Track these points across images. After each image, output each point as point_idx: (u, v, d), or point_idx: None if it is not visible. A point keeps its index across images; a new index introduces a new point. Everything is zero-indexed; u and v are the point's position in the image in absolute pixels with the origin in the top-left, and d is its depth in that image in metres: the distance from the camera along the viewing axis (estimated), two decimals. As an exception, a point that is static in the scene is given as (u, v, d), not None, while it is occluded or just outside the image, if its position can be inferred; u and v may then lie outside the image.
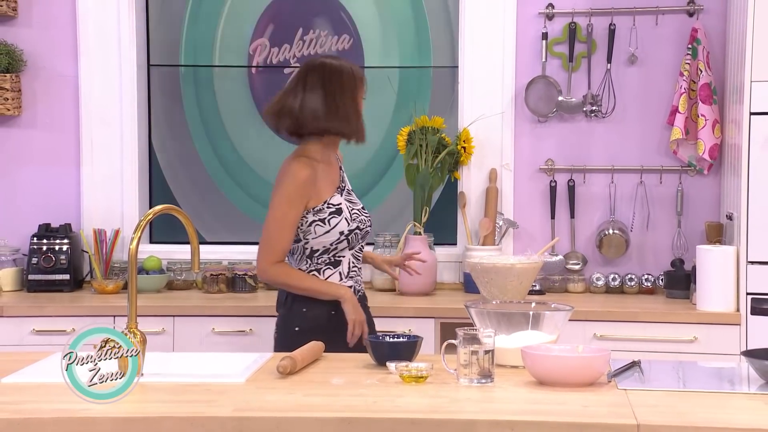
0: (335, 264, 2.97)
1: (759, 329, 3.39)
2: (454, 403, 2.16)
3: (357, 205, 3.03)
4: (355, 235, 2.97)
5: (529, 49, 4.04)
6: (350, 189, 3.06)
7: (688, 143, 3.91)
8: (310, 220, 2.92)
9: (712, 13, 3.91)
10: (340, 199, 2.97)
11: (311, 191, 2.92)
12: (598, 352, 2.34)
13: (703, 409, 2.08)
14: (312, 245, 2.94)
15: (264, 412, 2.08)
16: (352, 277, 3.01)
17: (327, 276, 2.96)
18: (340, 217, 2.94)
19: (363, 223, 3.01)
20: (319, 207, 2.92)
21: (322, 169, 2.96)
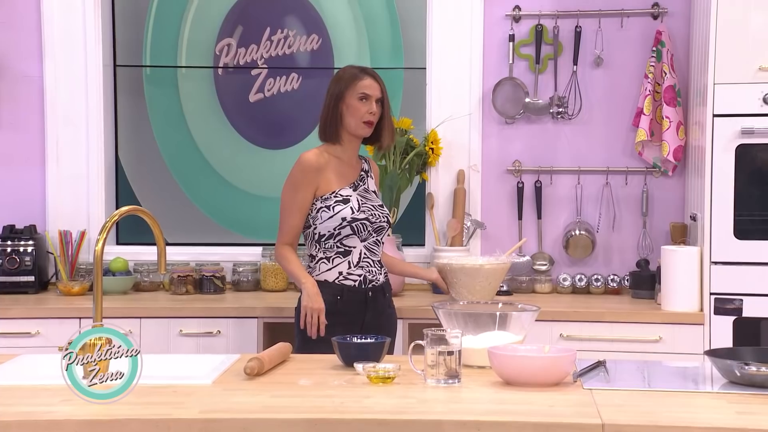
0: (345, 253, 3.13)
1: (722, 329, 3.43)
2: (421, 403, 2.16)
3: (372, 202, 3.18)
4: (362, 225, 3.11)
5: (496, 50, 4.06)
6: (371, 190, 3.22)
7: (653, 145, 3.95)
8: (317, 207, 3.12)
9: (676, 16, 3.96)
10: (350, 192, 3.15)
11: (317, 178, 3.12)
12: (564, 353, 2.35)
13: (667, 408, 2.10)
14: (319, 230, 3.13)
15: (231, 413, 2.08)
16: (363, 267, 3.14)
17: (336, 264, 3.14)
18: (345, 205, 3.11)
19: (375, 217, 3.15)
20: (326, 195, 3.12)
21: (335, 163, 3.16)
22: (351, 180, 3.18)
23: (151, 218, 2.52)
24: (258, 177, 4.37)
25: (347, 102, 3.13)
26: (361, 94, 3.13)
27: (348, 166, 3.19)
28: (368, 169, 3.27)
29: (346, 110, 3.13)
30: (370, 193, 3.21)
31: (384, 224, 3.19)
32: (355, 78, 3.14)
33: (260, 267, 4.08)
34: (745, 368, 2.22)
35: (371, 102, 3.13)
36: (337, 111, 3.14)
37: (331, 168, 3.14)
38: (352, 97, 3.12)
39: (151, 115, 4.36)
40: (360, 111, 3.12)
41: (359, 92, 3.13)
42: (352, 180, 3.18)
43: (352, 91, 3.12)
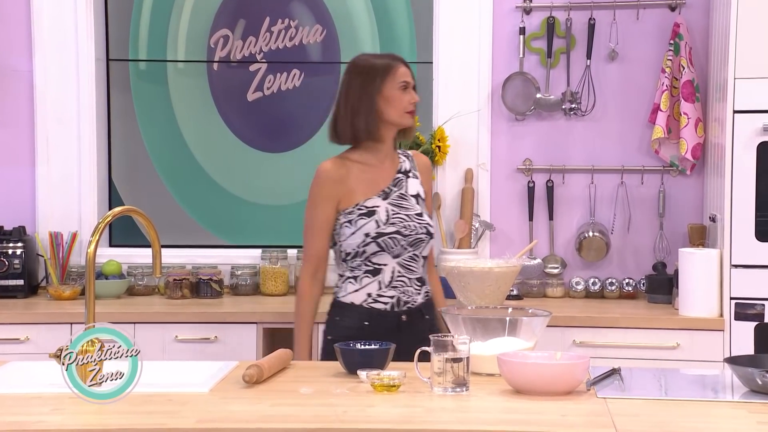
0: (374, 272, 2.95)
1: (743, 335, 3.42)
2: (427, 413, 2.16)
3: (407, 211, 2.96)
4: (392, 240, 2.92)
5: (506, 44, 4.06)
6: (409, 194, 3.00)
7: (671, 142, 3.94)
8: (340, 222, 2.96)
9: (695, 8, 3.96)
10: (379, 201, 2.95)
11: (340, 191, 2.95)
12: (577, 360, 2.35)
13: (684, 418, 2.10)
14: (344, 248, 2.96)
15: (229, 423, 2.08)
16: (396, 287, 2.95)
17: (364, 284, 2.95)
18: (369, 219, 2.92)
19: (409, 229, 2.94)
20: (349, 209, 2.94)
21: (359, 170, 2.97)
22: (381, 187, 2.97)
23: (146, 219, 2.52)
24: (255, 183, 4.33)
25: (386, 94, 2.94)
26: (402, 83, 2.96)
27: (378, 170, 2.99)
28: (409, 167, 3.05)
29: (386, 103, 2.94)
30: (407, 199, 2.98)
31: (422, 236, 2.96)
32: (391, 67, 2.96)
33: (259, 270, 4.08)
34: (767, 377, 2.22)
35: (410, 90, 2.99)
36: (373, 106, 2.94)
37: (353, 176, 2.96)
38: (393, 88, 2.95)
39: (138, 112, 4.33)
40: (403, 101, 2.95)
41: (400, 81, 2.96)
42: (383, 186, 2.97)
43: (391, 82, 2.95)
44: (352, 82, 2.98)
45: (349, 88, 2.98)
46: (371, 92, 2.95)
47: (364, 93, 2.95)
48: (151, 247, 2.54)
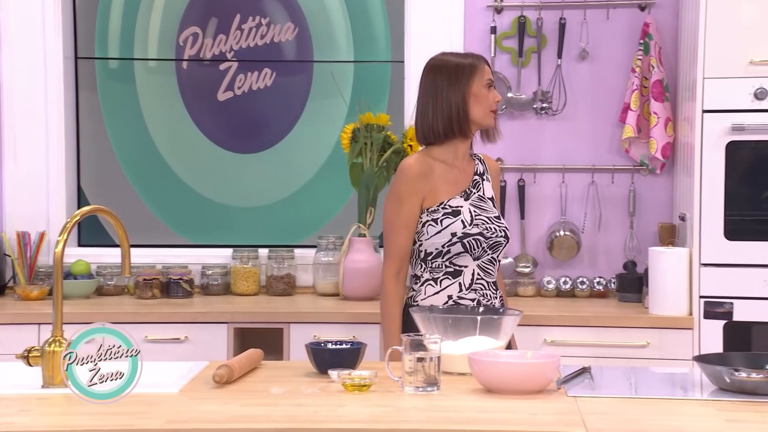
0: (455, 274, 2.91)
1: (712, 333, 3.45)
2: (398, 412, 2.16)
3: (488, 213, 2.95)
4: (475, 241, 2.89)
5: (477, 43, 4.07)
6: (487, 197, 2.98)
7: (641, 142, 3.97)
8: (424, 221, 2.91)
9: (664, 8, 3.98)
10: (461, 202, 2.93)
11: (425, 187, 2.91)
12: (547, 359, 2.36)
13: (654, 416, 2.11)
14: (425, 247, 2.92)
15: (198, 423, 2.07)
16: (476, 290, 2.92)
17: (444, 286, 2.92)
18: (455, 218, 2.90)
19: (490, 231, 2.92)
20: (434, 207, 2.91)
21: (441, 169, 2.94)
22: (462, 187, 2.95)
23: (115, 219, 2.51)
24: (225, 184, 4.31)
25: (474, 92, 2.93)
26: (488, 80, 2.95)
27: (459, 170, 2.97)
28: (483, 170, 3.03)
29: (474, 101, 2.93)
30: (485, 202, 2.97)
31: (501, 239, 2.94)
32: (477, 65, 2.95)
33: (230, 270, 4.07)
34: (735, 374, 2.24)
35: (493, 89, 2.98)
36: (464, 103, 2.91)
37: (437, 175, 2.92)
38: (480, 86, 2.93)
39: (104, 112, 4.28)
40: (489, 99, 2.94)
41: (486, 79, 2.95)
42: (464, 187, 2.96)
43: (479, 79, 2.93)
44: (439, 81, 2.95)
45: (437, 87, 2.95)
46: (462, 89, 2.93)
47: (454, 90, 2.93)
48: (120, 246, 2.52)
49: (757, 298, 3.44)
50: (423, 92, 2.99)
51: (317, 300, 3.95)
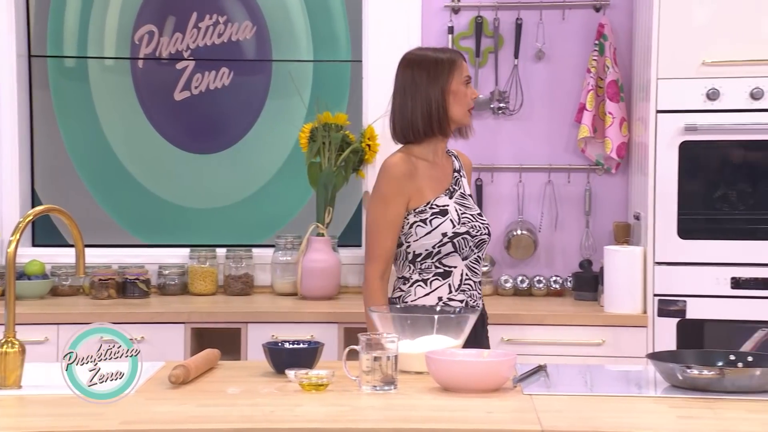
0: (444, 275, 2.87)
1: (666, 331, 3.49)
2: (355, 411, 2.17)
3: (471, 211, 2.91)
4: (464, 240, 2.86)
5: (435, 43, 4.05)
6: (467, 194, 2.95)
7: (596, 141, 4.00)
8: (411, 222, 2.85)
9: (619, 9, 4.02)
10: (447, 200, 2.88)
11: (410, 187, 2.85)
12: (503, 357, 2.37)
13: (608, 413, 2.13)
14: (414, 248, 2.86)
15: (154, 424, 2.05)
16: (464, 291, 2.89)
17: (435, 287, 2.87)
18: (444, 218, 2.85)
19: (476, 229, 2.88)
20: (421, 208, 2.85)
21: (425, 167, 2.89)
22: (446, 185, 2.90)
23: (69, 218, 2.48)
24: (182, 185, 4.27)
25: (453, 89, 2.87)
26: (466, 77, 2.90)
27: (440, 168, 2.92)
28: (459, 166, 2.98)
29: (453, 99, 2.87)
30: (467, 199, 2.93)
31: (485, 237, 2.91)
32: (456, 61, 2.89)
33: (188, 269, 4.04)
34: (687, 372, 2.27)
35: (470, 85, 2.93)
36: (445, 102, 2.86)
37: (421, 173, 2.87)
38: (459, 83, 2.88)
39: (57, 111, 4.22)
40: (467, 97, 2.89)
41: (465, 76, 2.89)
42: (447, 185, 2.91)
43: (458, 76, 2.88)
44: (417, 76, 2.88)
45: (416, 83, 2.87)
46: (441, 86, 2.86)
47: (433, 87, 2.86)
48: (75, 246, 2.50)
49: (709, 296, 3.49)
50: (400, 88, 2.92)
51: (275, 299, 3.94)
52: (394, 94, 2.94)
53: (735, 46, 3.45)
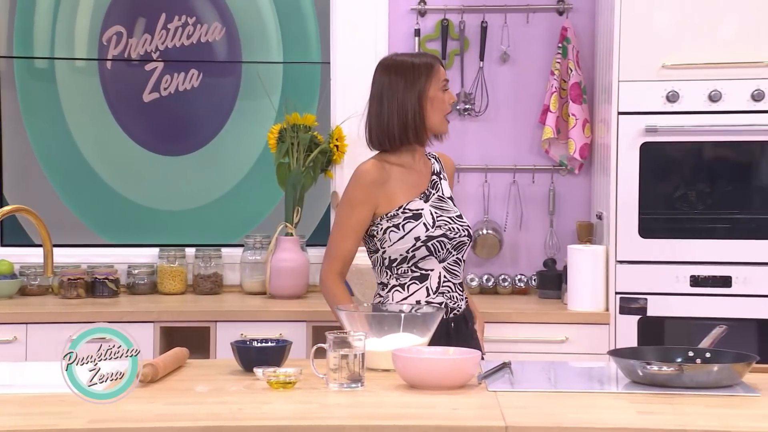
0: (421, 278, 2.82)
1: (627, 328, 3.52)
2: (322, 408, 2.16)
3: (449, 213, 2.85)
4: (439, 243, 2.80)
5: (402, 45, 4.08)
6: (446, 196, 2.89)
7: (560, 142, 4.03)
8: (384, 227, 2.81)
9: (582, 13, 4.05)
10: (421, 204, 2.82)
11: (379, 194, 2.80)
12: (468, 354, 2.38)
13: (571, 409, 2.14)
14: (389, 254, 2.82)
15: (122, 423, 2.04)
16: (444, 293, 2.83)
17: (412, 292, 2.82)
18: (417, 222, 2.79)
19: (454, 231, 2.82)
20: (393, 212, 2.80)
21: (398, 173, 2.83)
22: (421, 189, 2.84)
23: (37, 218, 2.46)
24: (152, 187, 4.23)
25: (431, 96, 2.80)
26: (443, 82, 2.82)
27: (416, 173, 2.85)
28: (440, 169, 2.92)
29: (431, 107, 2.80)
30: (445, 201, 2.87)
31: (465, 239, 2.84)
32: (433, 66, 2.81)
33: (157, 269, 4.02)
34: (647, 368, 2.29)
35: (448, 90, 2.85)
36: (422, 110, 2.79)
37: (394, 179, 2.81)
38: (436, 89, 2.80)
39: (24, 112, 4.16)
40: (444, 103, 2.82)
41: (442, 80, 2.81)
42: (423, 189, 2.85)
43: (435, 82, 2.80)
44: (394, 82, 2.80)
45: (393, 89, 2.80)
46: (418, 92, 2.80)
47: (410, 93, 2.79)
48: (43, 246, 2.47)
49: (669, 294, 3.52)
50: (377, 94, 2.84)
51: (244, 298, 3.93)
52: (371, 100, 2.87)
53: (694, 50, 3.49)
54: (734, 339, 2.70)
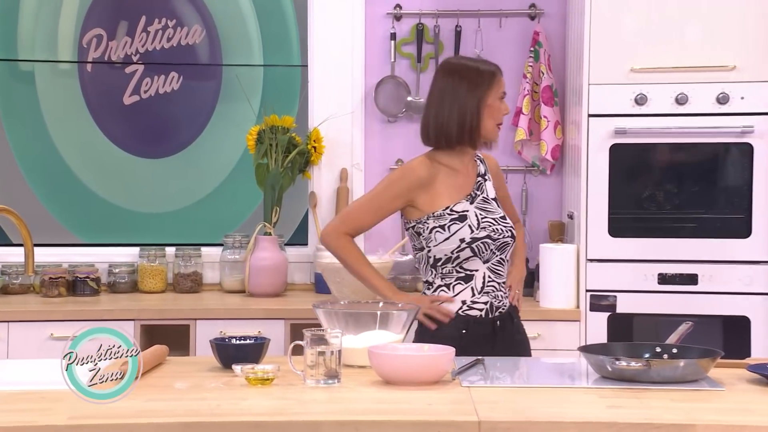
0: (466, 279, 2.81)
1: (597, 325, 3.54)
2: (299, 404, 2.16)
3: (493, 215, 2.83)
4: (483, 245, 2.79)
5: (378, 49, 4.09)
6: (490, 198, 2.86)
7: (532, 144, 4.04)
8: (430, 227, 2.80)
9: (553, 17, 4.06)
10: (467, 206, 2.81)
11: (419, 193, 2.80)
12: (443, 351, 2.38)
13: (541, 404, 2.15)
14: (434, 253, 2.81)
15: (102, 419, 2.02)
16: (488, 293, 2.82)
17: (457, 291, 2.82)
18: (462, 223, 2.78)
19: (498, 233, 2.81)
20: (439, 213, 2.79)
21: (445, 174, 2.82)
22: (467, 191, 2.83)
23: (17, 218, 2.44)
24: (133, 189, 4.20)
25: (489, 102, 2.80)
26: (502, 93, 2.83)
27: (463, 175, 2.85)
28: (485, 170, 2.90)
29: (488, 113, 2.80)
30: (489, 203, 2.85)
31: (508, 240, 2.83)
32: (496, 75, 2.82)
33: (138, 268, 4.00)
34: (616, 363, 2.30)
35: (505, 102, 2.86)
36: (479, 114, 2.79)
37: (440, 180, 2.80)
38: (495, 97, 2.81)
39: (2, 113, 4.12)
40: (500, 112, 2.83)
41: (501, 91, 2.82)
42: (469, 191, 2.83)
43: (496, 90, 2.81)
44: (457, 84, 2.81)
45: (455, 90, 2.80)
46: (479, 97, 2.80)
47: (471, 97, 2.80)
48: (24, 245, 2.45)
49: (638, 291, 3.54)
50: (438, 94, 2.84)
51: (223, 297, 3.92)
52: (430, 99, 2.86)
53: (661, 54, 3.51)
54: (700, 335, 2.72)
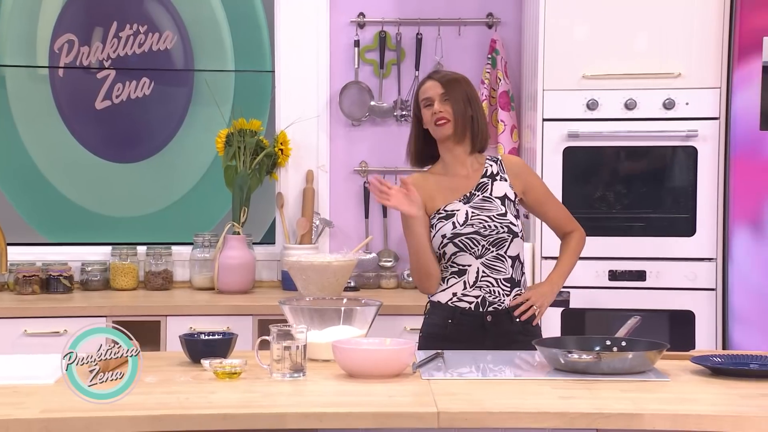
0: (459, 273, 2.79)
1: (552, 320, 3.55)
2: (265, 397, 2.15)
3: (489, 212, 2.80)
4: (471, 240, 2.76)
5: (343, 55, 4.08)
6: (494, 197, 2.82)
7: (490, 147, 4.03)
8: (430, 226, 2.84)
9: (509, 26, 4.08)
10: (459, 205, 2.81)
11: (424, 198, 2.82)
12: (404, 345, 2.39)
13: (497, 395, 2.16)
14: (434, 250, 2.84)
15: (73, 412, 2.01)
16: (481, 287, 2.78)
17: (450, 284, 2.81)
18: (447, 221, 2.79)
19: (489, 229, 2.77)
20: (432, 214, 2.83)
21: (436, 180, 2.86)
22: (463, 192, 2.83)
23: (-9, 218, 2.40)
24: (105, 194, 4.15)
25: (419, 115, 2.85)
26: (423, 100, 2.83)
27: (458, 178, 2.85)
28: (497, 171, 2.87)
29: (425, 123, 2.84)
30: (491, 201, 2.81)
31: (503, 235, 2.77)
32: (418, 89, 2.86)
33: (109, 266, 3.96)
34: (568, 356, 2.32)
35: (434, 102, 2.80)
36: (421, 129, 2.85)
37: (432, 185, 2.84)
38: (421, 107, 2.84)
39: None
40: (428, 117, 2.81)
41: (422, 99, 2.83)
42: (465, 191, 2.83)
43: (419, 103, 2.85)
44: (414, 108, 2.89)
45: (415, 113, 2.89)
46: (417, 118, 2.87)
47: (414, 119, 2.89)
48: (-3, 245, 2.42)
49: (590, 288, 3.56)
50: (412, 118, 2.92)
51: (193, 294, 3.89)
52: None
53: (611, 61, 3.54)
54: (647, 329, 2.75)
